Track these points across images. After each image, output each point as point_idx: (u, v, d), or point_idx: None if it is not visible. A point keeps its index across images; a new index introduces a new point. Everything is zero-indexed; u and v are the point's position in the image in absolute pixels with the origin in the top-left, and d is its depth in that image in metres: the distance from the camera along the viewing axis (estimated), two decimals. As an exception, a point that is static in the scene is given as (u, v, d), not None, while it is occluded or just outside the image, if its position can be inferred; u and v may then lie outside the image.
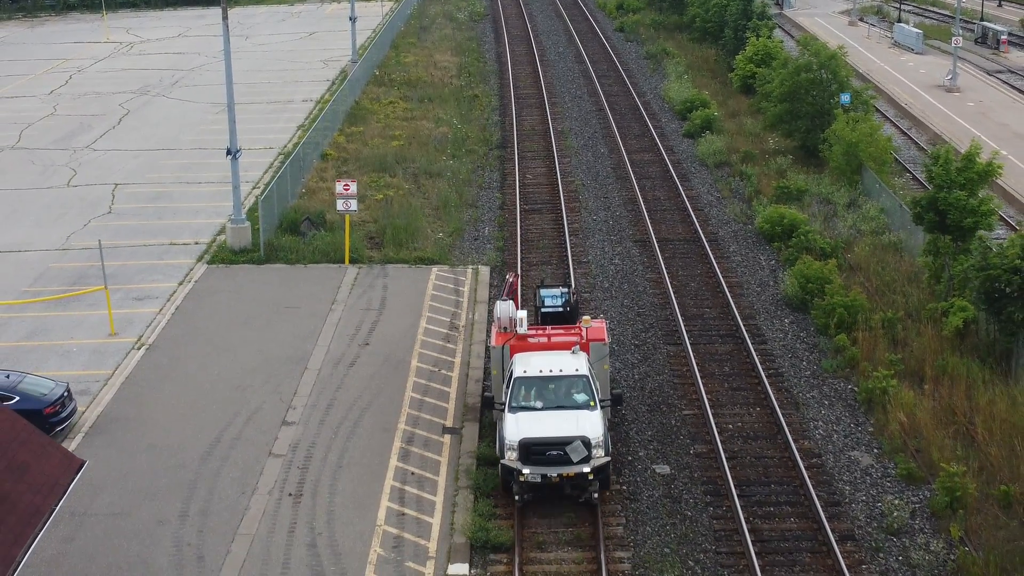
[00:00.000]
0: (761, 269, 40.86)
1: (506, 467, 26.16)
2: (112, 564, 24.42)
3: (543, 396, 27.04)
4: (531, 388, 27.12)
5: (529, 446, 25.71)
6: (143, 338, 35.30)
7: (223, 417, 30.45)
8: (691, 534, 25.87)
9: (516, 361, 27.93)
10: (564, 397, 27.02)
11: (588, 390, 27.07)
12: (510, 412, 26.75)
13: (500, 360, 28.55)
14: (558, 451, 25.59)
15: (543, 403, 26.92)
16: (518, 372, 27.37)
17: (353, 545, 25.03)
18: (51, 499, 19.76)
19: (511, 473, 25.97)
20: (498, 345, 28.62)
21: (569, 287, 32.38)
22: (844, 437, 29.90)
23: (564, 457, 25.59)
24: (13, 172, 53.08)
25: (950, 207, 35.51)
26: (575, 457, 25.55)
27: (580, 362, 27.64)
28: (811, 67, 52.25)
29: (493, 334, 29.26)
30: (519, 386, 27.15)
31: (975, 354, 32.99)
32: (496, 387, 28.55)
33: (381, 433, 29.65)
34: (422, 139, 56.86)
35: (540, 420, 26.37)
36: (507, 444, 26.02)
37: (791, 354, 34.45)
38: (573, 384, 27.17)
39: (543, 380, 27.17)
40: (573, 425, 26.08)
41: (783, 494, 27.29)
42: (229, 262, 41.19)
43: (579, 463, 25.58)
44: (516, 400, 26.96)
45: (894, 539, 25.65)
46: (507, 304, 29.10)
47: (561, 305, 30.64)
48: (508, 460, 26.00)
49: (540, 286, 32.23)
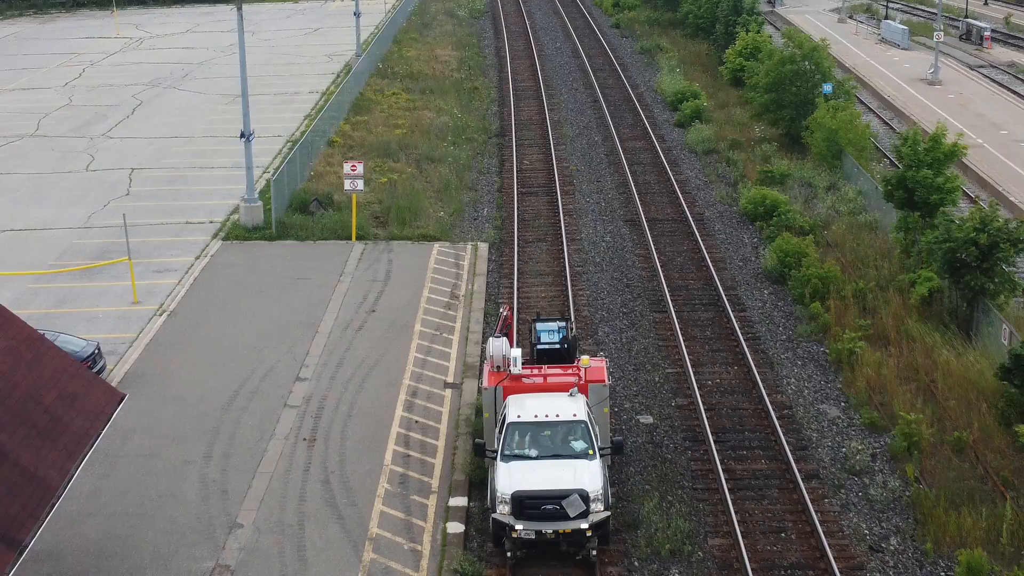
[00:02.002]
0: (744, 246, 43.38)
1: (498, 522, 24.14)
2: (144, 496, 26.95)
3: (538, 443, 25.11)
4: (525, 434, 25.19)
5: (523, 500, 23.78)
6: (164, 306, 37.81)
7: (241, 373, 32.97)
8: (671, 474, 28.37)
9: (510, 404, 25.93)
10: (561, 445, 25.09)
11: (587, 437, 25.14)
12: (503, 461, 24.82)
13: (492, 402, 26.49)
14: (554, 505, 23.69)
15: (538, 451, 24.97)
16: (511, 417, 25.44)
17: (363, 481, 27.53)
18: (98, 424, 22.26)
19: (503, 528, 24.05)
20: (490, 386, 26.56)
21: (567, 320, 30.37)
22: (814, 392, 32.42)
23: (560, 512, 23.69)
24: (34, 158, 55.57)
25: (918, 185, 38.07)
26: (572, 512, 23.68)
27: (578, 406, 25.66)
28: (795, 59, 54.79)
29: (485, 374, 27.23)
30: (512, 432, 25.19)
31: (939, 320, 35.51)
32: (488, 432, 26.52)
33: (387, 388, 32.16)
34: (424, 128, 59.41)
35: (535, 471, 24.40)
36: (499, 497, 24.10)
37: (768, 321, 36.97)
38: (571, 430, 25.20)
39: (538, 426, 25.20)
40: (570, 476, 24.22)
41: (755, 440, 29.82)
42: (243, 238, 43.72)
43: (576, 518, 23.70)
44: (509, 448, 25.02)
45: (855, 478, 28.17)
46: (500, 341, 26.98)
47: (558, 341, 28.62)
48: (500, 514, 24.06)
49: (535, 320, 30.30)
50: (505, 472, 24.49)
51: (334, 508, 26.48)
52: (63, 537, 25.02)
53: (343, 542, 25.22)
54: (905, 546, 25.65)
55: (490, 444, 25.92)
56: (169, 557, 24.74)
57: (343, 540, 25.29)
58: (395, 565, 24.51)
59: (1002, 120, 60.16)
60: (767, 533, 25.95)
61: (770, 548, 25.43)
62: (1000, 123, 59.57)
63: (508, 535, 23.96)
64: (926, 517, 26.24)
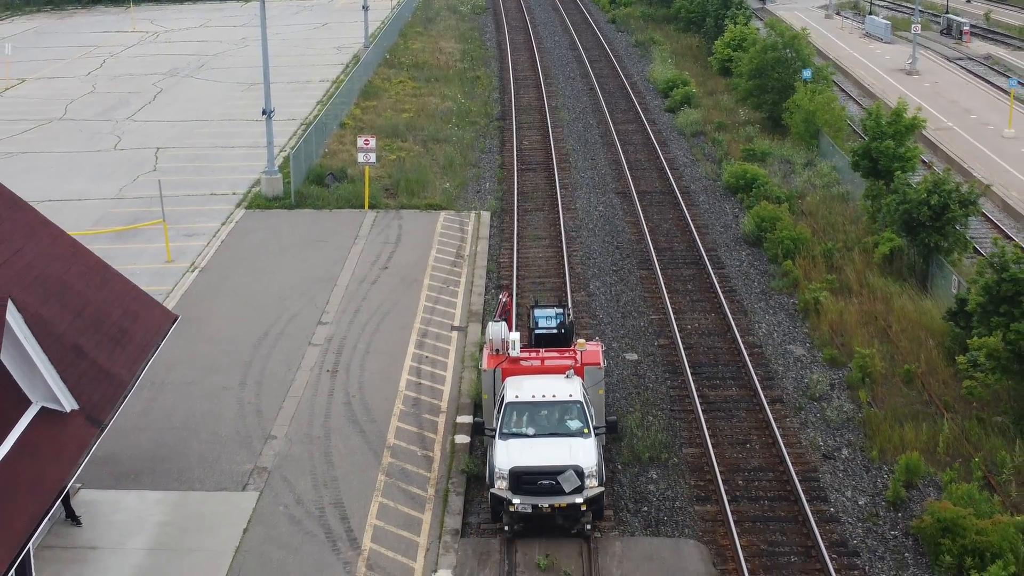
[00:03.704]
0: (725, 215, 47.14)
1: (495, 496, 25.10)
2: (188, 415, 30.69)
3: (535, 422, 26.10)
4: (523, 414, 26.17)
5: (520, 475, 24.75)
6: (195, 263, 41.55)
7: (268, 319, 36.71)
8: (652, 399, 32.12)
9: (508, 385, 26.87)
10: (557, 424, 26.03)
11: (582, 417, 26.09)
12: (500, 439, 25.78)
13: (491, 384, 27.52)
14: (550, 481, 24.66)
15: (535, 430, 25.96)
16: (509, 397, 26.38)
17: (380, 403, 31.27)
18: (157, 337, 25.98)
19: (501, 503, 25.00)
20: (489, 368, 27.57)
21: (564, 307, 31.24)
22: (782, 335, 36.16)
23: (556, 487, 24.65)
24: (64, 139, 59.33)
25: (881, 155, 41.84)
26: (567, 487, 24.63)
27: (574, 387, 26.61)
28: (777, 46, 58.58)
29: (484, 357, 28.19)
30: (510, 412, 26.17)
31: (899, 276, 39.26)
32: (487, 412, 27.53)
33: (400, 330, 35.91)
34: (429, 112, 63.24)
35: (531, 448, 25.38)
36: (497, 472, 25.08)
37: (744, 277, 40.72)
38: (567, 410, 26.16)
39: (535, 406, 26.22)
40: (566, 453, 25.14)
41: (728, 372, 33.56)
42: (264, 207, 47.50)
43: (571, 493, 24.66)
44: (507, 426, 25.99)
45: (814, 403, 31.90)
46: (499, 325, 28.12)
47: (556, 327, 29.70)
48: (498, 489, 25.01)
49: (534, 306, 31.33)
50: (503, 449, 25.37)
51: (355, 424, 30.22)
52: (120, 446, 28.71)
53: (364, 450, 28.97)
54: (854, 455, 29.38)
55: (489, 423, 26.84)
56: (214, 461, 28.47)
57: (364, 448, 29.04)
58: (410, 467, 28.24)
59: (973, 106, 63.95)
60: (734, 444, 29.71)
61: (736, 456, 29.17)
62: (971, 109, 63.34)
63: (506, 509, 24.81)
64: (874, 432, 29.99)
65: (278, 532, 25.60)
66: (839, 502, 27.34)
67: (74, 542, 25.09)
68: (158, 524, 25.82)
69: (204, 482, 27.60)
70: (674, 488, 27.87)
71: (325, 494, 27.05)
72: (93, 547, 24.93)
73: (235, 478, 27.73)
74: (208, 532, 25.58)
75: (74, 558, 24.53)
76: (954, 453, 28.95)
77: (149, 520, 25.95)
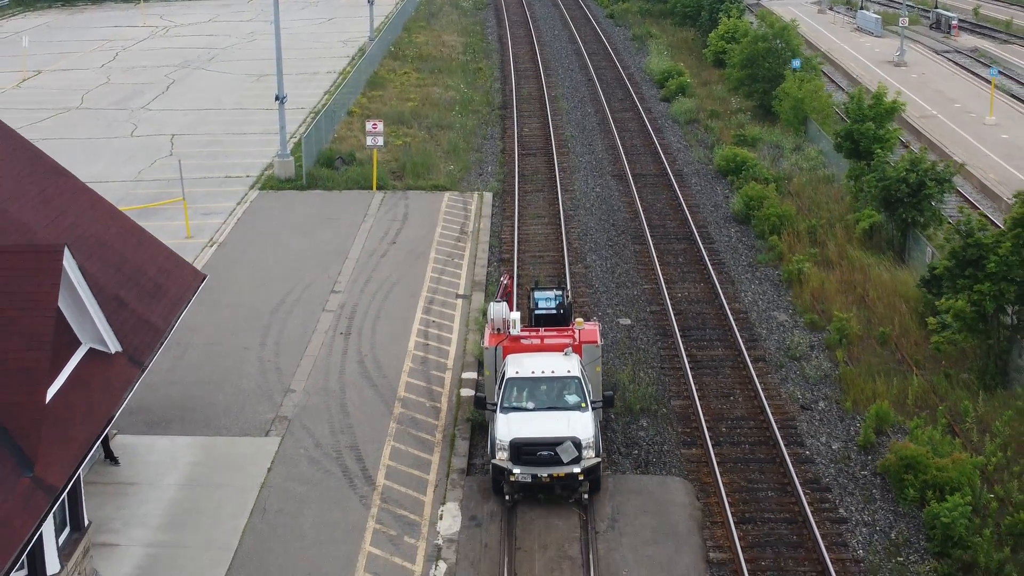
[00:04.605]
0: (716, 195, 49.54)
1: (497, 467, 26.27)
2: (213, 371, 33.10)
3: (535, 397, 27.19)
4: (523, 389, 27.27)
5: (520, 446, 25.84)
6: (214, 239, 43.94)
7: (284, 288, 39.10)
8: (644, 359, 34.51)
9: (508, 362, 27.97)
10: (556, 398, 27.13)
11: (580, 392, 27.17)
12: (501, 412, 26.86)
13: (493, 361, 28.64)
14: (548, 451, 25.73)
15: (535, 404, 27.04)
16: (510, 373, 27.47)
17: (391, 361, 33.66)
18: (188, 293, 28.34)
19: (502, 473, 26.14)
20: (491, 346, 28.72)
21: (563, 289, 32.42)
22: (767, 303, 38.55)
23: (554, 457, 25.72)
24: (82, 126, 61.71)
25: (862, 136, 44.21)
26: (565, 458, 25.71)
27: (572, 364, 27.72)
28: (767, 37, 60.97)
29: (486, 335, 29.31)
30: (511, 387, 27.27)
31: (878, 249, 41.64)
32: (488, 388, 28.70)
33: (408, 298, 38.31)
34: (433, 101, 65.67)
35: (531, 421, 26.47)
36: (498, 444, 26.18)
37: (733, 251, 43.11)
38: (565, 385, 27.27)
39: (535, 381, 27.31)
40: (564, 426, 26.21)
41: (715, 335, 35.95)
42: (277, 188, 49.89)
43: (569, 463, 25.75)
44: (508, 401, 27.06)
45: (795, 361, 34.29)
46: (501, 306, 29.24)
47: (555, 307, 30.71)
48: (499, 460, 26.13)
49: (534, 288, 32.29)
50: (504, 422, 26.51)
51: (368, 379, 32.63)
52: (152, 398, 31.10)
53: (377, 401, 31.36)
54: (830, 407, 31.78)
55: (490, 399, 27.97)
56: (238, 411, 30.88)
57: (377, 400, 31.44)
58: (420, 416, 30.65)
59: (957, 96, 66.33)
60: (719, 397, 32.12)
61: (720, 407, 31.58)
62: (955, 98, 65.72)
63: (506, 479, 26.01)
64: (848, 386, 32.39)
65: (299, 471, 28.00)
66: (814, 446, 29.73)
67: (114, 479, 27.50)
68: (189, 464, 28.23)
69: (230, 429, 30.01)
70: (662, 434, 30.28)
71: (342, 439, 29.46)
72: (132, 483, 27.36)
73: (258, 425, 30.15)
74: (235, 470, 27.99)
75: (115, 492, 26.93)
76: (922, 404, 31.33)
77: (181, 460, 28.37)
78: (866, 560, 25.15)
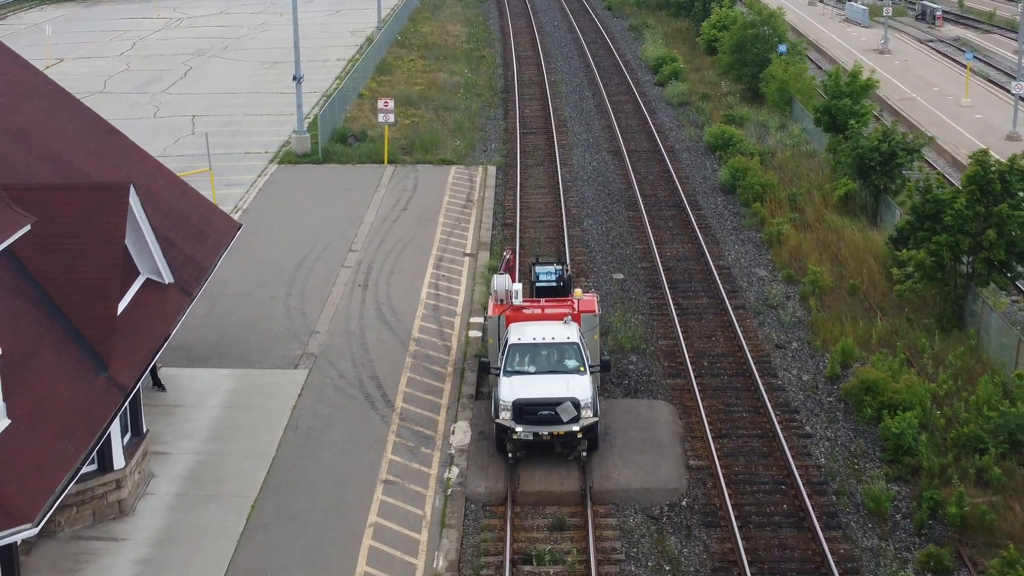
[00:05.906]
0: (705, 168, 53.03)
1: (500, 426, 27.70)
2: (244, 316, 36.57)
3: (536, 362, 28.63)
4: (525, 354, 28.70)
5: (522, 406, 27.23)
6: (238, 206, 47.42)
7: (305, 247, 42.57)
8: (633, 307, 37.99)
9: (511, 330, 29.47)
10: (556, 363, 28.56)
11: (579, 356, 28.56)
12: (504, 376, 28.29)
13: (496, 329, 30.14)
14: (549, 411, 27.10)
15: (536, 368, 28.51)
16: (513, 339, 28.96)
17: (405, 308, 37.14)
18: (227, 239, 31.82)
19: (505, 431, 27.59)
20: (495, 315, 30.21)
21: (563, 264, 34.21)
22: (749, 260, 42.03)
23: (554, 417, 27.10)
24: (107, 108, 64.85)
25: (839, 112, 47.69)
26: (565, 417, 27.10)
27: (571, 331, 29.16)
28: (755, 24, 64.45)
29: (490, 305, 30.82)
30: (513, 352, 28.75)
31: (853, 214, 45.11)
32: (492, 354, 30.14)
33: (419, 256, 41.78)
34: (439, 85, 69.20)
35: (533, 383, 27.89)
36: (501, 405, 27.57)
37: (719, 217, 46.59)
38: (564, 351, 28.66)
39: (536, 347, 28.73)
40: (563, 388, 27.61)
41: (699, 288, 39.41)
42: (294, 162, 53.38)
43: (569, 423, 27.17)
44: (511, 365, 28.53)
45: (772, 309, 37.76)
46: (504, 278, 30.81)
47: (555, 280, 32.54)
48: (502, 419, 27.57)
49: (535, 263, 34.03)
50: (507, 384, 28.00)
51: (385, 323, 36.10)
52: (191, 338, 34.53)
53: (394, 340, 34.85)
54: (802, 347, 35.25)
55: (494, 364, 29.52)
56: (269, 349, 34.36)
57: (394, 339, 34.92)
58: (432, 352, 34.13)
59: (936, 80, 69.85)
60: (702, 337, 35.58)
61: (703, 346, 35.05)
62: (934, 83, 69.24)
63: (509, 437, 27.53)
64: (819, 328, 35.87)
65: (326, 396, 31.48)
66: (786, 377, 33.22)
67: (162, 402, 30.97)
68: (228, 391, 31.72)
69: (262, 363, 33.49)
70: (650, 367, 33.76)
71: (363, 371, 32.94)
72: (178, 404, 30.84)
73: (288, 360, 33.63)
74: (270, 396, 31.47)
75: (164, 412, 30.40)
76: (884, 343, 34.77)
77: (220, 388, 31.85)
78: (827, 466, 28.62)
